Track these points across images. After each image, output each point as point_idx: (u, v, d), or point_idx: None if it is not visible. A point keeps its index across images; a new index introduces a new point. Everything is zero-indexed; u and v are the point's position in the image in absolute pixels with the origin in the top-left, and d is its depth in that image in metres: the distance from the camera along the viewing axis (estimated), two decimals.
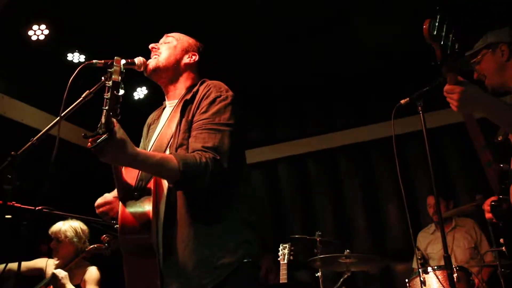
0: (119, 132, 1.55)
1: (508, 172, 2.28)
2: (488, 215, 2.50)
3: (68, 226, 3.71)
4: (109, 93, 1.49)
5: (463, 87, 1.89)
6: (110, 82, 1.49)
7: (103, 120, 1.49)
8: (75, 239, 3.68)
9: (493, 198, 2.51)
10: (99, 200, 1.98)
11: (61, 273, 3.40)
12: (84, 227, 3.78)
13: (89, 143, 1.52)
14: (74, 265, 3.60)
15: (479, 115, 2.06)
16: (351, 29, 5.14)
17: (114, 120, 1.52)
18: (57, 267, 3.54)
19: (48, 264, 3.71)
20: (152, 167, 1.72)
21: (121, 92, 1.49)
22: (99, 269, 3.70)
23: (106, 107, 1.48)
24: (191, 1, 4.54)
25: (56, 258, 3.68)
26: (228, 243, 1.81)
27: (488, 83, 2.40)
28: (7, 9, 4.16)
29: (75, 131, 4.70)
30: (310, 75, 5.99)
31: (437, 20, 1.86)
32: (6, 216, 1.97)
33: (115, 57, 1.53)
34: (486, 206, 2.54)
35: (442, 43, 1.85)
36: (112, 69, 1.50)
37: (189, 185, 1.77)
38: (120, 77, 1.50)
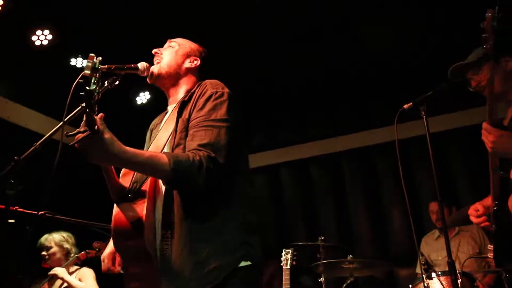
0: (103, 130, 1.54)
1: (507, 179, 2.28)
2: (476, 220, 2.49)
3: (54, 234, 3.96)
4: (84, 90, 1.47)
5: (501, 131, 2.03)
6: (81, 79, 1.47)
7: (84, 118, 1.48)
8: (63, 242, 3.93)
9: (477, 205, 2.52)
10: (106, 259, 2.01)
11: (58, 270, 3.60)
12: (69, 234, 4.02)
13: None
14: (67, 268, 3.73)
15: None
16: (354, 33, 5.14)
17: (97, 118, 1.50)
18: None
19: None
20: (141, 165, 1.68)
21: (93, 87, 1.45)
22: (94, 271, 3.87)
23: (83, 104, 1.47)
24: (193, 6, 4.54)
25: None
26: (226, 245, 1.78)
27: (489, 93, 2.41)
28: (11, 14, 4.18)
29: None
30: (312, 79, 5.98)
31: (496, 12, 1.88)
32: (9, 221, 1.97)
33: (90, 54, 1.51)
34: (472, 211, 2.53)
35: (496, 36, 1.87)
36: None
37: (182, 184, 1.75)
38: (91, 73, 1.46)
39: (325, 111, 6.49)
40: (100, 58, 1.50)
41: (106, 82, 1.86)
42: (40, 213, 2.47)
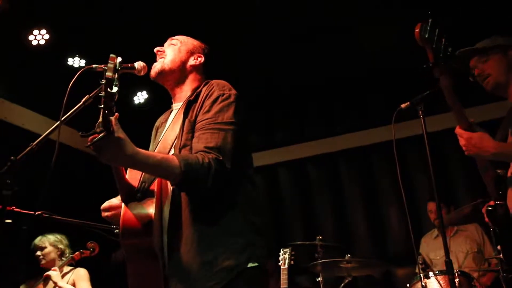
0: (118, 131, 1.53)
1: (504, 177, 2.29)
2: (487, 219, 2.51)
3: (48, 235, 3.97)
4: (103, 91, 1.46)
5: (470, 134, 2.10)
6: (104, 80, 1.46)
7: (100, 118, 1.48)
8: (57, 242, 3.93)
9: (492, 203, 2.52)
10: (105, 204, 1.96)
11: (52, 274, 3.61)
12: (62, 235, 4.02)
13: (88, 142, 1.51)
14: (62, 269, 3.77)
15: (487, 159, 2.23)
16: (352, 32, 5.14)
17: (112, 119, 1.50)
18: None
19: None
20: (153, 167, 1.68)
21: (115, 89, 1.45)
22: (88, 271, 3.89)
23: (102, 106, 1.46)
24: (191, 5, 4.54)
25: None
26: (232, 245, 1.79)
27: (492, 82, 2.42)
28: (7, 14, 4.16)
29: (75, 135, 4.68)
30: (310, 79, 5.98)
31: (429, 24, 1.91)
32: (6, 221, 1.96)
33: (111, 55, 1.50)
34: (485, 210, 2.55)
35: (434, 46, 1.90)
36: (106, 66, 1.48)
37: (191, 186, 1.74)
38: (113, 74, 1.46)
39: (323, 110, 6.49)
40: (120, 58, 1.49)
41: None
42: (37, 213, 2.46)
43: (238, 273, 1.75)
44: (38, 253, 3.88)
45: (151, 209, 1.77)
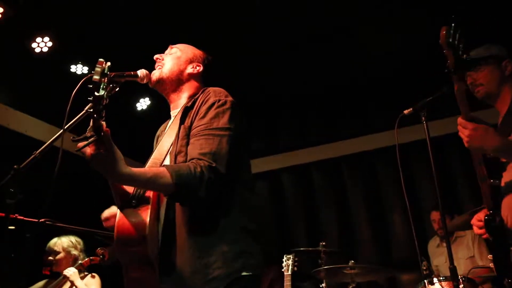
0: (113, 149, 1.56)
1: (499, 187, 2.29)
2: (478, 231, 2.50)
3: (63, 238, 3.91)
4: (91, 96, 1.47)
5: (475, 125, 2.02)
6: (91, 84, 1.47)
7: (91, 123, 1.49)
8: (71, 248, 3.88)
9: (480, 214, 2.53)
10: (105, 214, 1.98)
11: (70, 271, 3.57)
12: (78, 239, 3.97)
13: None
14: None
15: (488, 153, 2.16)
16: (354, 38, 5.14)
17: (104, 123, 1.51)
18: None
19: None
20: (145, 185, 1.73)
21: (102, 92, 1.45)
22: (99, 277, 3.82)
23: (91, 110, 1.47)
24: (191, 5, 4.54)
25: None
26: (225, 253, 1.77)
27: (483, 92, 2.44)
28: (11, 22, 4.19)
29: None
30: (313, 85, 5.99)
31: (452, 28, 1.90)
32: (10, 227, 1.96)
33: (99, 59, 1.51)
34: (475, 221, 2.55)
35: (454, 51, 1.89)
36: (94, 70, 1.48)
37: (185, 197, 1.75)
38: (100, 78, 1.46)
39: (326, 116, 6.49)
40: (109, 63, 1.50)
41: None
42: (40, 220, 2.46)
43: (230, 281, 1.74)
44: (51, 257, 3.84)
45: (146, 216, 1.77)
